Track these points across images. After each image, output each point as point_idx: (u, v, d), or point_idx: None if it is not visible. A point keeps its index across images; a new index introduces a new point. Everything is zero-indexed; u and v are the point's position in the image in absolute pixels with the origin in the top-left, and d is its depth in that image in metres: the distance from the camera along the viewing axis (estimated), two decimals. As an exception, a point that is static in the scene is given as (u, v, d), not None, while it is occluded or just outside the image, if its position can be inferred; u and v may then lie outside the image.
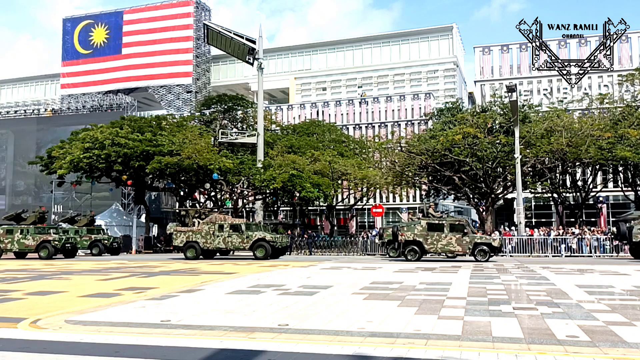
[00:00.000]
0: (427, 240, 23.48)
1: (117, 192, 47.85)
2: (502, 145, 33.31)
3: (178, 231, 27.05)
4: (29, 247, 28.03)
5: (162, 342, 6.39)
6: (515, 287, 12.47)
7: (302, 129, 48.17)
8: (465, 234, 23.31)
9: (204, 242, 26.31)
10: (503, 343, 6.18)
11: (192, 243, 26.45)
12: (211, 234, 26.32)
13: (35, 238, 27.97)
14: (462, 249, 23.33)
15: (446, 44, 63.15)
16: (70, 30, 72.17)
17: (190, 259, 25.88)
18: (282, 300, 9.91)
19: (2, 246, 28.29)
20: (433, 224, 23.82)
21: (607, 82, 51.43)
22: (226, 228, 26.35)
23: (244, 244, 25.98)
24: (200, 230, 26.53)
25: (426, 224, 23.79)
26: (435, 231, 23.55)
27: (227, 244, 26.30)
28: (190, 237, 26.54)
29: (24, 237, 28.12)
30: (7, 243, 28.26)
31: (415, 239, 23.60)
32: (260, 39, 41.17)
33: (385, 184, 38.91)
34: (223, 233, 26.25)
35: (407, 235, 23.71)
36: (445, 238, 23.37)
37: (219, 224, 26.57)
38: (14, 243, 28.18)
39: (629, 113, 35.69)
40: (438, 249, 23.58)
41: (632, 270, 17.34)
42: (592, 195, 41.40)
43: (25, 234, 28.28)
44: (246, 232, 26.10)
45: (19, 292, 11.88)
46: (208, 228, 26.49)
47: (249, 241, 25.82)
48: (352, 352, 5.75)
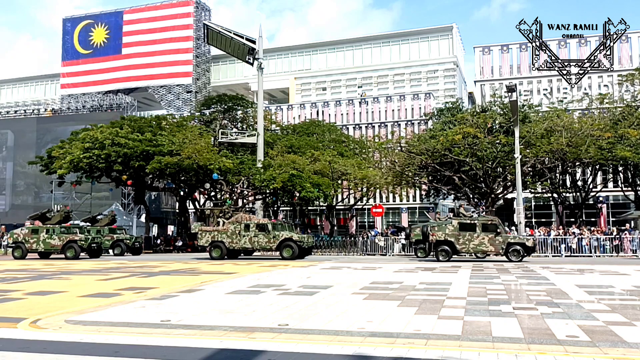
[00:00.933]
0: (458, 240, 23.16)
1: (117, 192, 47.90)
2: (502, 145, 33.31)
3: (203, 231, 26.67)
4: (55, 247, 27.54)
5: (162, 342, 6.39)
6: (515, 287, 12.46)
7: (302, 129, 48.16)
8: (498, 234, 22.94)
9: (230, 241, 25.93)
10: (503, 343, 6.18)
11: (217, 243, 26.10)
12: (237, 234, 25.94)
13: (62, 238, 27.49)
14: (495, 249, 22.97)
15: (446, 44, 63.16)
16: (70, 30, 72.17)
17: (216, 258, 25.51)
18: (282, 300, 9.91)
19: (28, 246, 27.81)
20: (465, 223, 23.48)
21: (607, 82, 51.42)
22: (252, 228, 25.98)
23: (270, 243, 25.57)
24: (226, 230, 26.15)
25: (458, 224, 23.46)
26: (467, 231, 23.21)
27: (253, 244, 25.91)
28: (216, 237, 26.18)
29: (50, 237, 27.60)
30: (33, 243, 27.75)
31: (446, 239, 23.26)
32: (260, 39, 41.15)
33: (385, 184, 38.91)
34: (249, 233, 25.87)
35: (438, 235, 23.37)
36: (478, 238, 23.03)
37: (245, 224, 26.17)
38: (39, 243, 27.66)
39: (629, 113, 35.69)
40: (470, 249, 23.24)
41: (632, 270, 17.35)
42: (592, 195, 41.40)
43: (51, 233, 27.75)
44: (273, 231, 25.69)
45: (19, 292, 11.88)
46: (234, 227, 26.10)
47: (276, 241, 25.44)
48: (352, 352, 5.75)
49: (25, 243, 27.86)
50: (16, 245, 28.13)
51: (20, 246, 27.89)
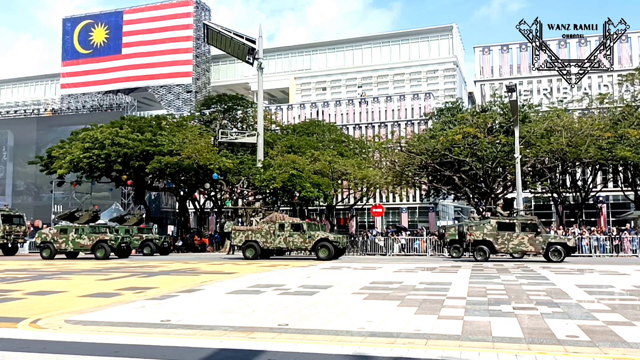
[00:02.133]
0: (497, 239, 22.91)
1: (117, 192, 47.88)
2: (502, 145, 33.31)
3: (237, 230, 26.36)
4: (84, 247, 27.12)
5: (162, 342, 6.39)
6: (515, 287, 12.46)
7: (302, 128, 48.15)
8: (538, 233, 22.65)
9: (264, 241, 25.65)
10: (503, 343, 6.18)
11: (251, 242, 25.80)
12: (271, 234, 25.62)
13: (91, 237, 27.05)
14: (535, 249, 22.68)
15: (446, 44, 63.16)
16: (70, 30, 72.18)
17: (250, 258, 25.25)
18: (282, 300, 9.91)
19: (57, 246, 27.36)
20: (504, 223, 23.19)
21: (607, 82, 51.43)
22: (287, 227, 25.65)
23: (305, 244, 25.24)
24: (260, 230, 25.86)
25: (496, 223, 23.19)
26: (506, 230, 22.93)
27: (288, 244, 25.59)
28: (250, 237, 25.89)
29: (79, 237, 27.15)
30: (62, 243, 27.30)
31: (484, 239, 23.01)
32: (260, 39, 41.15)
33: (385, 184, 38.89)
34: (284, 232, 25.53)
35: (476, 234, 23.12)
36: (517, 238, 22.73)
37: (279, 223, 25.84)
38: (68, 243, 27.22)
39: (629, 113, 35.68)
40: (509, 248, 22.95)
41: (632, 270, 17.36)
42: (592, 195, 41.39)
43: (81, 233, 27.30)
44: (308, 231, 25.39)
45: (19, 292, 11.88)
46: (268, 227, 25.78)
47: (311, 241, 25.09)
48: (352, 352, 5.75)
49: (53, 243, 27.35)
50: (44, 245, 27.62)
51: (49, 246, 27.41)
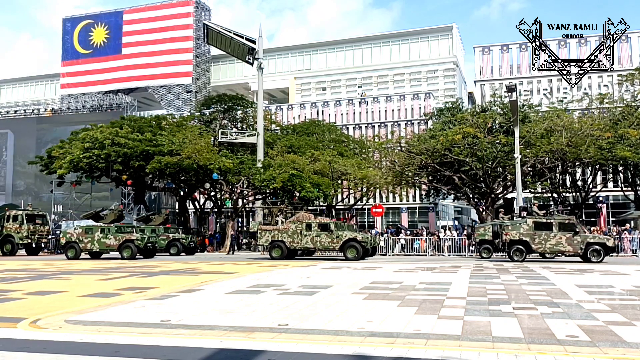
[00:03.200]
0: (534, 239, 22.56)
1: (117, 192, 47.91)
2: (502, 145, 33.30)
3: (263, 230, 26.01)
4: (110, 247, 26.78)
5: (162, 342, 6.39)
6: (515, 287, 12.46)
7: (302, 128, 48.15)
8: (576, 233, 22.29)
9: (291, 241, 25.30)
10: (503, 343, 6.18)
11: (278, 242, 25.47)
12: (298, 233, 25.24)
13: (117, 237, 26.68)
14: (573, 249, 22.30)
15: (446, 44, 63.18)
16: (70, 30, 72.20)
17: (276, 258, 24.93)
18: (282, 300, 9.91)
19: (82, 246, 27.02)
20: (540, 222, 22.82)
21: (607, 82, 51.44)
22: (314, 227, 25.27)
23: (333, 244, 24.85)
24: (287, 229, 25.52)
25: (533, 223, 22.81)
26: (543, 230, 22.59)
27: (315, 244, 25.21)
28: (276, 236, 25.56)
29: (105, 237, 26.80)
30: (87, 243, 26.95)
31: (521, 239, 22.64)
32: (260, 39, 41.15)
33: (385, 184, 38.88)
34: (311, 232, 25.14)
35: (512, 234, 22.74)
36: (555, 237, 22.37)
37: (306, 223, 25.46)
38: (94, 243, 26.86)
39: (628, 113, 35.67)
40: (546, 248, 22.60)
41: (632, 270, 17.35)
42: (592, 195, 41.39)
43: (107, 233, 26.96)
44: (336, 231, 25.00)
45: (19, 292, 11.88)
46: (295, 227, 25.44)
47: (339, 241, 24.71)
48: (352, 352, 5.76)
49: (78, 243, 27.01)
50: (69, 245, 27.27)
51: (74, 246, 27.06)
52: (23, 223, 32.23)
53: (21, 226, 32.19)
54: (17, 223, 32.29)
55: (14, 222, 32.35)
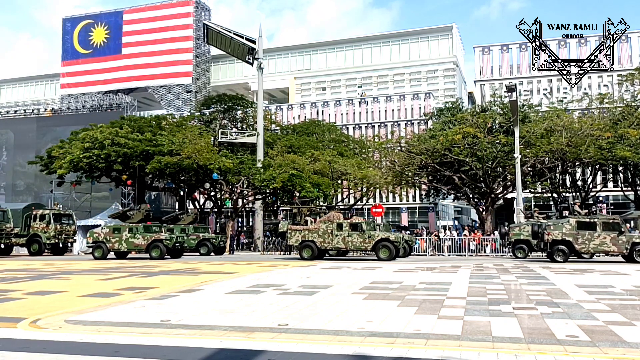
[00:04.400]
0: (577, 239, 22.21)
1: (117, 192, 47.84)
2: (502, 145, 33.32)
3: (293, 230, 25.60)
4: (138, 247, 26.51)
5: (162, 342, 6.39)
6: (515, 286, 12.46)
7: (302, 128, 48.17)
8: (621, 233, 21.96)
9: (321, 241, 24.89)
10: (503, 343, 6.18)
11: (308, 242, 25.05)
12: (329, 233, 24.81)
13: (146, 237, 26.37)
14: (618, 249, 21.92)
15: (446, 44, 63.19)
16: (70, 30, 72.20)
17: (307, 259, 24.60)
18: (282, 300, 9.91)
19: (110, 245, 26.77)
20: (584, 222, 22.46)
21: (607, 82, 51.45)
22: (345, 227, 24.81)
23: (365, 244, 24.38)
24: (317, 229, 25.08)
25: (576, 222, 22.46)
26: (586, 230, 22.26)
27: (346, 244, 24.74)
28: (307, 236, 25.13)
29: (133, 236, 26.51)
30: (115, 242, 26.69)
31: (563, 239, 22.32)
32: (260, 39, 41.18)
33: (385, 184, 38.90)
34: (342, 232, 24.70)
35: (554, 234, 22.39)
36: (599, 237, 22.00)
37: (337, 223, 25.02)
38: (121, 242, 26.60)
39: (628, 113, 35.68)
40: (590, 248, 22.23)
41: (632, 270, 17.35)
42: (592, 195, 41.39)
43: (135, 232, 26.64)
44: (368, 231, 24.58)
45: (19, 292, 11.87)
46: (325, 227, 24.99)
47: (371, 241, 24.24)
48: (352, 352, 5.75)
49: (106, 243, 26.76)
50: (96, 245, 27.00)
51: (101, 246, 26.81)
52: (50, 222, 31.70)
53: (48, 226, 31.65)
54: (44, 222, 31.77)
55: (40, 221, 31.85)
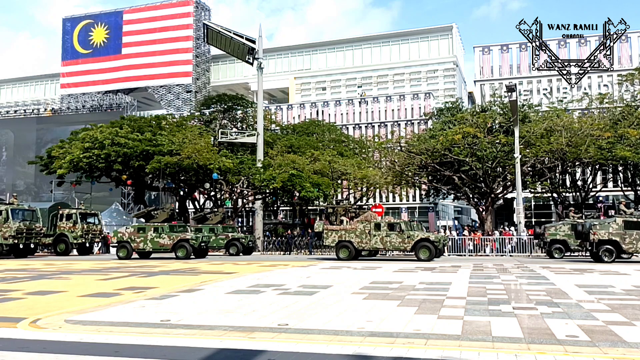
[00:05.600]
0: (624, 239, 21.99)
1: (116, 192, 47.89)
2: (501, 145, 33.31)
3: (329, 230, 25.11)
4: (164, 247, 26.06)
5: (162, 342, 6.39)
6: (515, 286, 12.46)
7: (302, 128, 48.18)
8: None
9: (359, 241, 24.47)
10: (503, 343, 6.18)
11: (345, 242, 24.60)
12: (367, 233, 24.41)
13: (172, 237, 25.96)
14: None
15: (446, 44, 63.19)
16: (69, 29, 72.20)
17: (343, 259, 24.13)
18: (281, 300, 9.91)
19: (134, 245, 26.36)
20: (631, 222, 22.24)
21: (606, 82, 51.46)
22: (384, 227, 24.43)
23: (404, 244, 24.00)
24: (355, 229, 24.69)
25: (623, 222, 22.10)
26: (634, 229, 21.88)
27: (385, 244, 24.42)
28: (343, 236, 24.68)
29: (159, 236, 26.09)
30: (139, 242, 26.28)
31: (610, 238, 22.12)
32: (260, 39, 41.14)
33: (385, 184, 38.91)
34: (380, 232, 24.30)
35: (600, 234, 22.20)
36: None
37: (375, 222, 24.68)
38: (146, 242, 26.21)
39: (628, 113, 35.68)
40: (638, 248, 22.02)
41: (632, 270, 17.35)
42: (591, 195, 41.40)
43: (160, 232, 26.20)
44: (407, 231, 24.20)
45: (19, 291, 11.87)
46: (363, 227, 24.59)
47: (411, 241, 23.88)
48: (352, 352, 5.75)
49: (130, 242, 26.39)
50: (121, 244, 26.65)
51: (126, 245, 26.45)
52: (77, 222, 31.27)
53: (75, 225, 31.21)
54: (71, 222, 31.34)
55: (67, 221, 31.44)
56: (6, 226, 27.43)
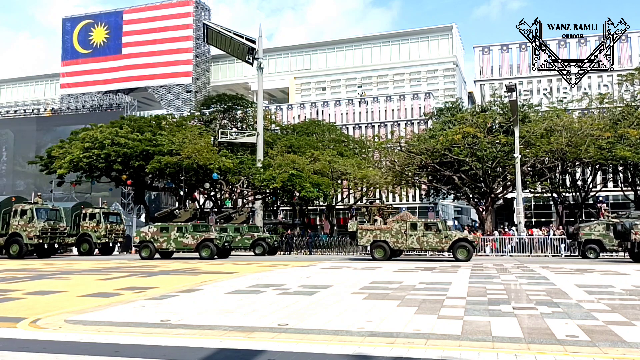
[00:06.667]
0: None
1: (116, 192, 47.89)
2: (501, 145, 33.32)
3: (364, 230, 24.74)
4: (188, 246, 25.80)
5: (162, 342, 6.39)
6: (514, 286, 12.46)
7: (302, 128, 48.20)
8: None
9: (395, 241, 24.17)
10: (503, 343, 6.17)
11: (380, 242, 24.30)
12: (402, 233, 24.12)
13: (196, 236, 25.71)
14: None
15: (446, 44, 63.19)
16: (69, 29, 72.20)
17: (379, 259, 23.78)
18: (281, 300, 9.91)
19: (157, 245, 26.04)
20: None
21: (606, 82, 51.45)
22: (420, 227, 24.20)
23: (442, 244, 23.77)
24: (390, 229, 24.35)
25: None
26: None
27: (422, 244, 24.13)
28: (379, 236, 24.36)
29: (182, 236, 25.81)
30: (162, 242, 25.97)
31: None
32: (260, 39, 41.18)
33: (385, 184, 38.92)
34: (417, 232, 24.03)
35: None
36: None
37: (411, 222, 24.40)
38: (169, 242, 25.90)
39: (628, 113, 35.68)
40: None
41: (632, 270, 17.34)
42: (591, 195, 41.40)
43: (184, 232, 25.96)
44: (444, 231, 24.02)
45: (19, 291, 11.86)
46: (399, 226, 24.31)
47: (448, 241, 23.68)
48: (352, 352, 5.75)
49: (153, 242, 26.10)
50: (143, 244, 26.35)
51: (148, 245, 26.17)
52: (101, 222, 31.11)
53: (98, 225, 31.07)
54: (94, 222, 31.20)
55: (90, 220, 31.29)
56: (31, 226, 27.17)
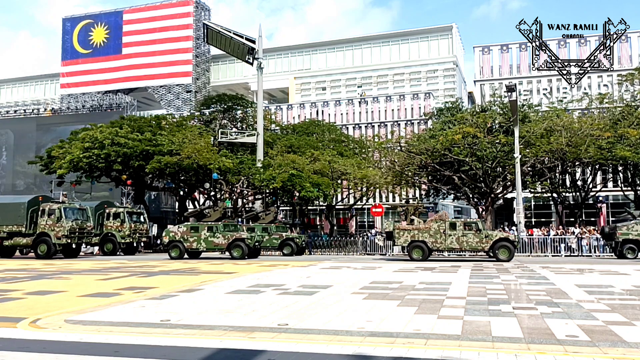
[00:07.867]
0: None
1: (116, 192, 47.83)
2: (501, 145, 33.32)
3: (401, 229, 24.52)
4: (219, 246, 25.66)
5: (162, 342, 6.39)
6: (514, 286, 12.46)
7: (302, 128, 48.18)
8: None
9: (433, 241, 23.93)
10: (503, 343, 6.18)
11: (418, 242, 24.08)
12: (441, 233, 23.87)
13: (226, 236, 25.50)
14: None
15: (446, 44, 63.18)
16: (69, 29, 72.18)
17: (417, 260, 23.52)
18: (281, 300, 9.91)
19: (187, 245, 25.86)
20: None
21: (606, 82, 51.45)
22: (459, 226, 24.03)
23: (482, 244, 23.45)
24: (428, 229, 24.15)
25: None
26: None
27: (461, 244, 23.84)
28: (416, 236, 24.12)
29: (213, 235, 25.63)
30: (192, 242, 25.80)
31: None
32: (260, 39, 41.17)
33: (385, 184, 38.92)
34: (456, 232, 23.79)
35: None
36: None
37: (450, 222, 24.23)
38: (200, 242, 25.75)
39: (628, 113, 35.69)
40: None
41: (632, 270, 17.35)
42: (591, 195, 41.41)
43: (215, 231, 25.75)
44: (484, 231, 23.84)
45: (19, 291, 11.87)
46: (437, 226, 24.09)
47: (489, 241, 23.38)
48: (352, 352, 5.75)
49: (183, 242, 25.90)
50: (173, 244, 26.16)
51: (178, 245, 25.96)
52: (125, 221, 30.93)
53: (122, 224, 30.91)
54: (118, 221, 31.02)
55: (114, 220, 31.12)
56: (59, 225, 26.87)
